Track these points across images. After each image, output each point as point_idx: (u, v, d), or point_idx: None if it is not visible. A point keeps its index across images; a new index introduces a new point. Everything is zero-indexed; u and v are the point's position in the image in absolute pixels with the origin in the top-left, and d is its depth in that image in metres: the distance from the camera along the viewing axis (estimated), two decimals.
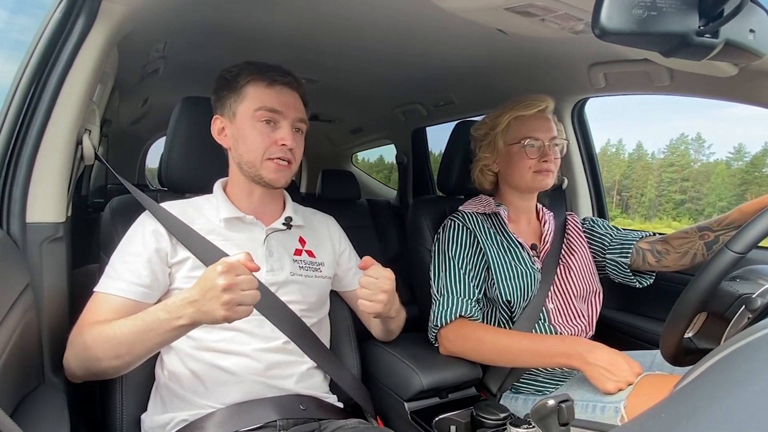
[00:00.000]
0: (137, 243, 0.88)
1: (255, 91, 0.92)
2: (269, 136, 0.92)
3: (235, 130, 0.94)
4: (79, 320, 0.82)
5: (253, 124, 0.92)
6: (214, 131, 0.97)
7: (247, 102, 0.92)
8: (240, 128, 0.93)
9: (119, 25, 0.89)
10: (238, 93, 0.93)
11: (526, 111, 1.17)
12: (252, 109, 0.92)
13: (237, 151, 0.94)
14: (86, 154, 0.93)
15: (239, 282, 0.71)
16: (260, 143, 0.91)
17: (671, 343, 0.77)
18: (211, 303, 0.71)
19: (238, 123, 0.93)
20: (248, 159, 0.93)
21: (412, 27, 1.23)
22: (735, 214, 1.05)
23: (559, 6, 0.91)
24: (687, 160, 23.95)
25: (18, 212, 0.81)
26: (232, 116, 0.94)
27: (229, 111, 0.94)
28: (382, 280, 0.89)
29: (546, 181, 1.17)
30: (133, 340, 0.75)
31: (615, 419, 0.87)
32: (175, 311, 0.74)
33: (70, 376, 0.81)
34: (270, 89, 0.93)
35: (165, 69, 1.61)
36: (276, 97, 0.93)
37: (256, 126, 0.92)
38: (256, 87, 0.93)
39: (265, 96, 0.92)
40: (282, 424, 0.87)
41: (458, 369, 1.09)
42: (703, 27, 0.51)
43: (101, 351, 0.76)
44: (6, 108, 0.84)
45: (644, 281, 1.24)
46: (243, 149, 0.93)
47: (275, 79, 0.93)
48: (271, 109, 0.92)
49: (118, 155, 2.99)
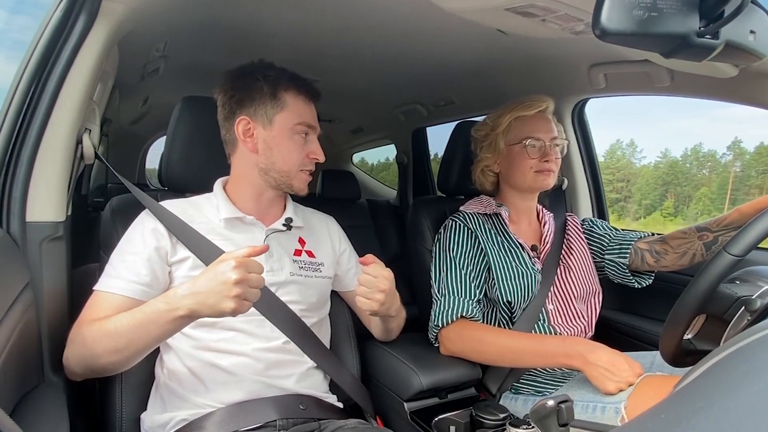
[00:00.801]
0: (137, 242, 0.88)
1: (295, 104, 0.94)
2: (304, 148, 0.95)
3: (270, 137, 0.93)
4: (78, 318, 0.82)
5: (291, 136, 0.94)
6: (239, 131, 0.94)
7: (287, 113, 0.93)
8: (277, 137, 0.93)
9: (120, 24, 0.89)
10: (276, 100, 0.93)
11: (527, 111, 1.18)
12: (293, 122, 0.94)
13: (269, 159, 0.94)
14: (86, 154, 0.93)
15: (250, 279, 0.73)
16: (298, 156, 0.95)
17: (671, 345, 0.77)
18: (219, 296, 0.71)
19: (275, 131, 0.93)
20: (283, 168, 0.94)
21: (413, 27, 1.23)
22: (734, 215, 1.05)
23: (560, 6, 0.91)
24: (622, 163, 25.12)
25: (18, 211, 0.81)
26: (268, 123, 0.93)
27: (263, 116, 0.93)
28: (381, 280, 0.89)
29: (547, 181, 1.18)
30: (133, 333, 0.75)
31: (615, 420, 0.87)
32: (174, 302, 0.74)
33: (70, 375, 0.81)
34: (308, 105, 0.96)
35: (165, 68, 1.61)
36: (311, 113, 0.97)
37: (294, 139, 0.94)
38: (296, 100, 0.94)
39: (304, 110, 0.95)
40: (282, 424, 0.87)
41: (458, 369, 1.09)
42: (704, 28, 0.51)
43: (101, 346, 0.76)
44: (6, 107, 0.84)
45: (643, 282, 1.24)
46: (278, 158, 0.94)
47: (314, 96, 0.98)
48: (309, 125, 0.96)
49: (118, 155, 2.99)
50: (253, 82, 0.94)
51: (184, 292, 0.75)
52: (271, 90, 0.93)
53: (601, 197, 1.68)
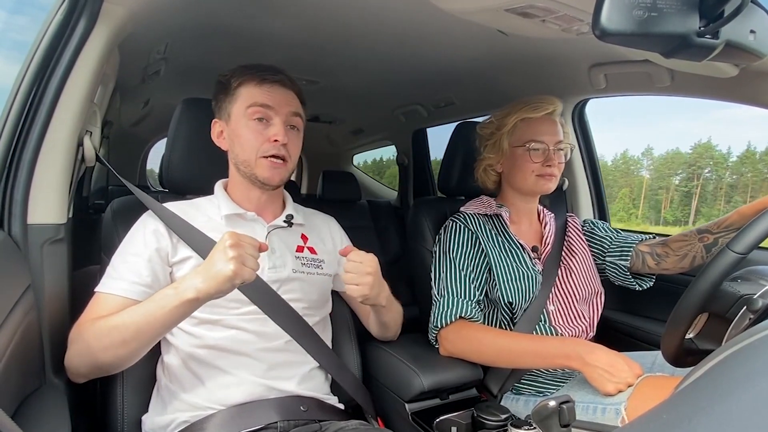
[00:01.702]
0: (138, 243, 0.88)
1: (246, 90, 0.93)
2: (262, 133, 0.92)
3: (230, 131, 0.95)
4: (79, 320, 0.82)
5: (246, 123, 0.92)
6: (214, 135, 0.98)
7: (239, 101, 0.93)
8: (234, 128, 0.94)
9: (120, 26, 0.90)
10: (231, 95, 0.94)
11: (534, 113, 1.17)
12: (244, 108, 0.92)
13: (233, 152, 0.95)
14: (87, 156, 0.93)
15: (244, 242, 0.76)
16: (253, 141, 0.92)
17: (672, 344, 0.77)
18: (219, 263, 0.74)
19: (232, 124, 0.94)
20: (243, 158, 0.93)
21: (413, 28, 1.23)
22: (734, 216, 1.05)
23: (560, 7, 0.91)
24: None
25: (19, 213, 0.81)
26: (228, 118, 0.95)
27: (224, 113, 0.96)
28: (367, 263, 0.90)
29: (548, 186, 1.17)
30: (141, 322, 0.76)
31: (616, 421, 0.87)
32: (182, 286, 0.76)
33: (74, 376, 0.81)
34: (260, 87, 0.93)
35: (166, 70, 1.62)
36: (267, 94, 0.93)
37: (249, 125, 0.92)
38: (247, 87, 0.94)
39: (255, 93, 0.93)
40: (283, 426, 0.86)
41: (459, 370, 1.09)
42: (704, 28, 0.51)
43: (108, 339, 0.76)
44: (7, 109, 0.84)
45: (644, 284, 1.23)
46: (238, 149, 0.94)
47: (265, 78, 0.94)
48: (262, 105, 0.92)
49: (119, 157, 2.99)
50: (218, 84, 0.98)
51: (191, 273, 0.77)
52: (227, 86, 0.95)
53: (601, 198, 1.67)
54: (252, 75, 0.94)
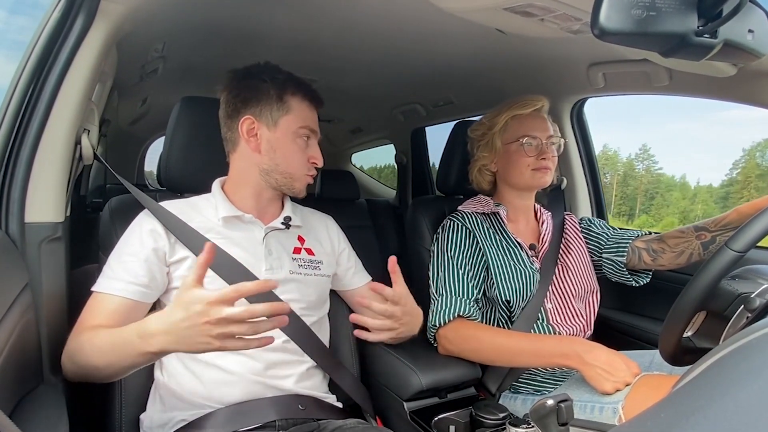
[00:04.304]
0: (135, 243, 0.88)
1: (300, 108, 0.96)
2: (305, 152, 0.97)
3: (274, 138, 0.95)
4: (78, 321, 0.82)
5: (294, 139, 0.96)
6: (243, 130, 0.95)
7: (292, 116, 0.95)
8: (281, 139, 0.95)
9: (118, 24, 0.89)
10: (282, 103, 0.95)
11: (523, 110, 1.19)
12: (297, 126, 0.95)
13: (272, 160, 0.95)
14: (85, 154, 0.92)
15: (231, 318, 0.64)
16: (301, 159, 0.97)
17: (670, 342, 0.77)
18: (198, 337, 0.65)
19: (279, 133, 0.95)
20: (287, 170, 0.96)
21: (411, 27, 1.23)
22: (732, 215, 1.05)
23: (558, 6, 0.91)
24: None
25: (16, 212, 0.81)
26: (272, 124, 0.95)
27: (268, 118, 0.94)
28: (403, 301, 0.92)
29: (545, 179, 1.18)
30: (111, 355, 0.73)
31: (613, 420, 0.87)
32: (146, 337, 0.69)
33: (66, 375, 0.81)
34: (311, 111, 0.98)
35: (164, 69, 1.61)
36: (314, 118, 0.99)
37: (297, 142, 0.96)
38: (301, 104, 0.96)
39: (308, 115, 0.97)
40: (281, 424, 0.87)
41: (457, 369, 1.09)
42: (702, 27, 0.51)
43: (86, 359, 0.75)
44: (5, 107, 0.83)
45: (641, 280, 1.24)
46: (281, 159, 0.95)
47: (317, 102, 0.99)
48: (311, 129, 0.98)
49: (116, 155, 2.98)
50: (260, 83, 0.95)
51: (158, 326, 0.68)
52: (277, 92, 0.94)
53: (600, 197, 1.68)
54: (306, 94, 0.97)
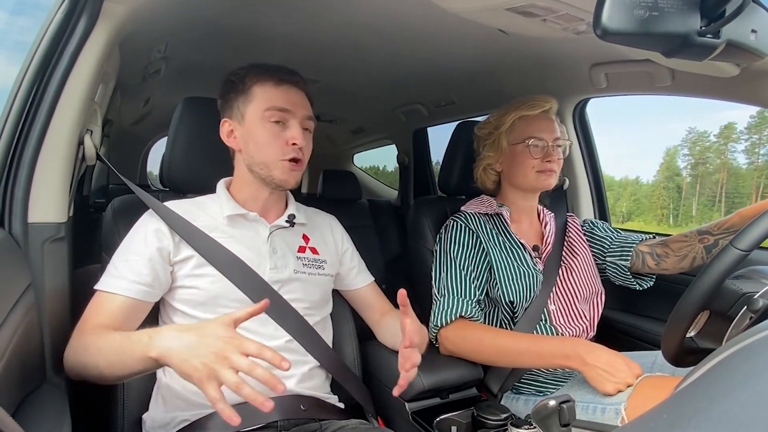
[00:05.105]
0: (139, 242, 0.88)
1: (263, 91, 0.92)
2: (279, 136, 0.91)
3: (244, 131, 0.93)
4: (80, 320, 0.82)
5: (263, 124, 0.91)
6: (223, 134, 0.95)
7: (256, 102, 0.92)
8: (250, 130, 0.92)
9: (121, 25, 0.89)
10: (245, 94, 0.93)
11: (531, 111, 1.18)
12: (261, 110, 0.91)
13: (248, 153, 0.94)
14: (88, 154, 0.93)
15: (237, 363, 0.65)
16: (272, 144, 0.91)
17: (673, 343, 0.77)
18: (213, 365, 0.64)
19: (247, 124, 0.92)
20: (261, 160, 0.92)
21: (413, 27, 1.23)
22: (735, 218, 1.05)
23: (561, 6, 0.91)
24: None
25: (20, 212, 0.81)
26: (241, 118, 0.93)
27: (237, 113, 0.94)
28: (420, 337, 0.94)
29: (549, 181, 1.18)
30: (114, 357, 0.72)
31: (615, 421, 0.87)
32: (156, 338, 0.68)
33: (68, 374, 0.81)
34: (277, 89, 0.92)
35: (166, 69, 1.62)
36: (284, 97, 0.92)
37: (266, 126, 0.91)
38: (263, 87, 0.92)
39: (273, 96, 0.92)
40: (283, 425, 0.87)
41: (459, 369, 1.09)
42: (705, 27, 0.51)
43: (89, 359, 0.75)
44: (8, 108, 0.84)
45: (644, 284, 1.24)
46: (254, 151, 0.92)
47: (282, 79, 0.93)
48: (280, 109, 0.91)
49: (119, 156, 2.99)
50: (230, 84, 0.95)
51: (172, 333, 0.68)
52: (242, 86, 0.93)
53: (602, 198, 1.67)
54: (268, 76, 0.92)
